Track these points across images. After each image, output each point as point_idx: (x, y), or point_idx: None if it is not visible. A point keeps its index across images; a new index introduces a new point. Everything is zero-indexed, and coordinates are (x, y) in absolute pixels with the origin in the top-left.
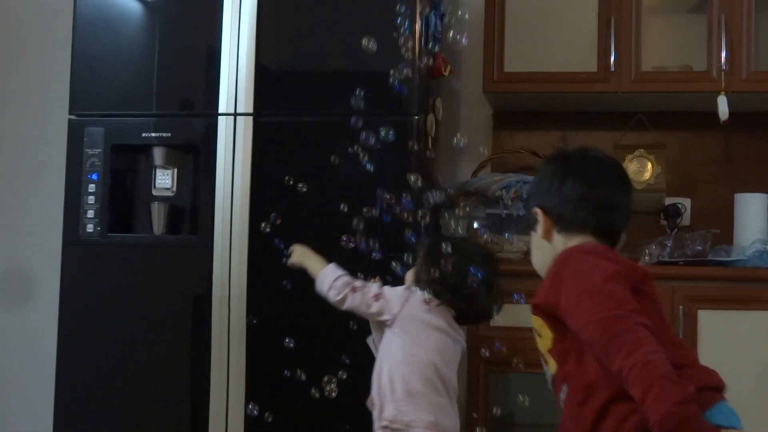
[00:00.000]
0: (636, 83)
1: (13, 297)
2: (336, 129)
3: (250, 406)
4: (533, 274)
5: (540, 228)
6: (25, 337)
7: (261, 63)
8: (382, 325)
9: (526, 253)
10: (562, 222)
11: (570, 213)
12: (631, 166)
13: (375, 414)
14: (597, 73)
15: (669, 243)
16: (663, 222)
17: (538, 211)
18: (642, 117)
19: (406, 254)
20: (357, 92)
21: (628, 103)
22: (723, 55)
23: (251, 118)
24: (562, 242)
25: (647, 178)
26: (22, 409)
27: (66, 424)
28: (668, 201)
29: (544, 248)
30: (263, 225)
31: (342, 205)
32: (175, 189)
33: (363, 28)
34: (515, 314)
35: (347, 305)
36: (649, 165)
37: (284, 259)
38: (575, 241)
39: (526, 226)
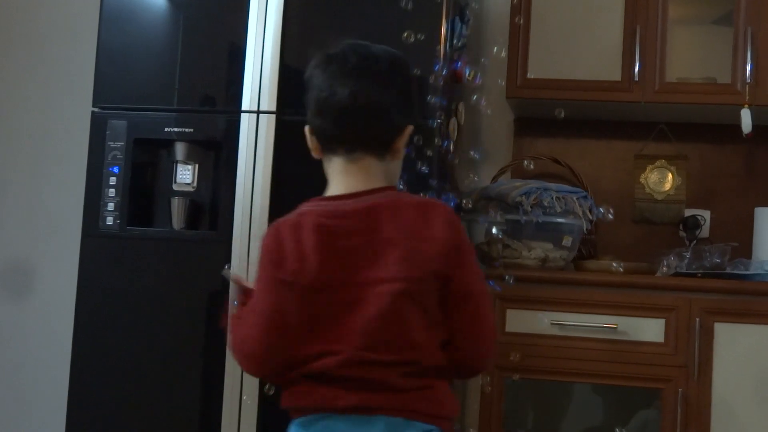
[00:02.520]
0: (660, 94)
1: (30, 289)
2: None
3: (266, 387)
4: (551, 281)
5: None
6: (41, 328)
7: (285, 62)
8: None
9: (544, 260)
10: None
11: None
12: (651, 177)
13: None
14: (621, 82)
15: (687, 254)
16: (682, 233)
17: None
18: (664, 127)
19: None
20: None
21: (650, 113)
22: (748, 67)
23: (274, 116)
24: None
25: (667, 189)
26: (34, 404)
27: (80, 417)
28: (688, 212)
29: None
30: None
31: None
32: (195, 184)
33: (388, 30)
34: (526, 320)
35: None
36: (670, 176)
37: None
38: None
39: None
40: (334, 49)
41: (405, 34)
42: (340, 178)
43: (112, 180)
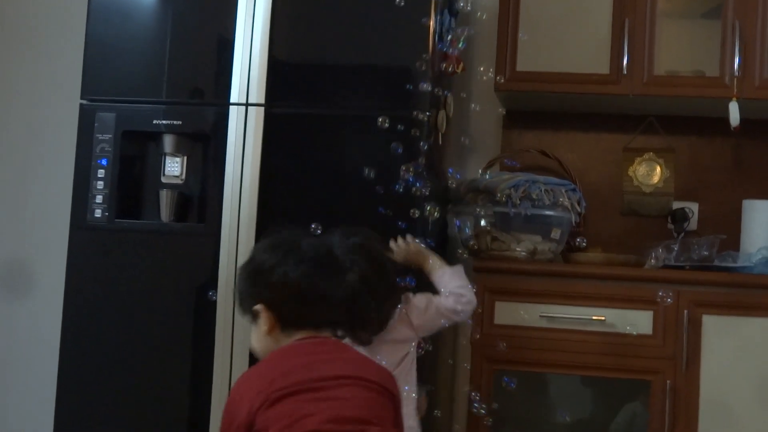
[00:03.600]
0: (648, 87)
1: (18, 283)
2: (347, 122)
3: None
4: (540, 274)
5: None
6: (29, 323)
7: (274, 54)
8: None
9: (533, 252)
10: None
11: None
12: (640, 169)
13: None
14: (609, 75)
15: (675, 247)
16: (670, 226)
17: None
18: (653, 120)
19: None
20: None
21: (639, 106)
22: (736, 61)
23: (263, 108)
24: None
25: (656, 181)
26: (23, 396)
27: (69, 409)
28: (676, 205)
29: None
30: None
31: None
32: (184, 177)
33: (377, 22)
34: (514, 313)
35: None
36: (658, 169)
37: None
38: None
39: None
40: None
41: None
42: None
43: (101, 172)
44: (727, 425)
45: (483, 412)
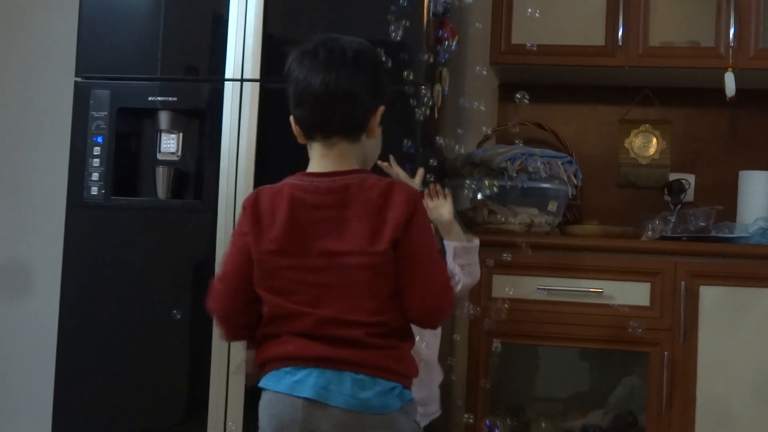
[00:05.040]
0: (643, 58)
1: (10, 259)
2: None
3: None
4: (537, 246)
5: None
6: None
7: (268, 29)
8: None
9: (530, 225)
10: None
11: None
12: (636, 141)
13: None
14: (604, 47)
15: (672, 218)
16: (667, 197)
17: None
18: (648, 92)
19: None
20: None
21: (634, 77)
22: (731, 31)
23: (258, 84)
24: None
25: (652, 153)
26: (20, 376)
27: (67, 388)
28: (672, 177)
29: None
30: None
31: None
32: (180, 153)
33: None
34: (516, 285)
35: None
36: (654, 140)
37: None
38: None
39: None
40: (306, 45)
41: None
42: (318, 160)
43: (96, 150)
44: (726, 396)
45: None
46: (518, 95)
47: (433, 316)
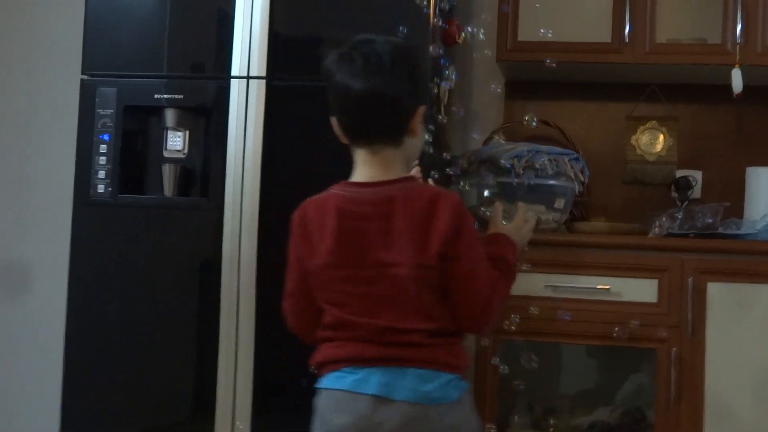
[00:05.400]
0: (650, 55)
1: (16, 258)
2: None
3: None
4: (544, 244)
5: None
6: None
7: (274, 26)
8: None
9: (537, 223)
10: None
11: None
12: (643, 138)
13: None
14: (611, 44)
15: (679, 215)
16: (674, 194)
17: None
18: (655, 89)
19: None
20: None
21: (641, 74)
22: (738, 27)
23: (264, 81)
24: None
25: (659, 150)
26: (29, 373)
27: (75, 386)
28: (679, 173)
29: None
30: None
31: None
32: (186, 151)
33: None
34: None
35: None
36: (661, 137)
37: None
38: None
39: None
40: (342, 48)
41: None
42: (363, 168)
43: (103, 148)
44: (734, 391)
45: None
46: (527, 118)
47: (481, 327)
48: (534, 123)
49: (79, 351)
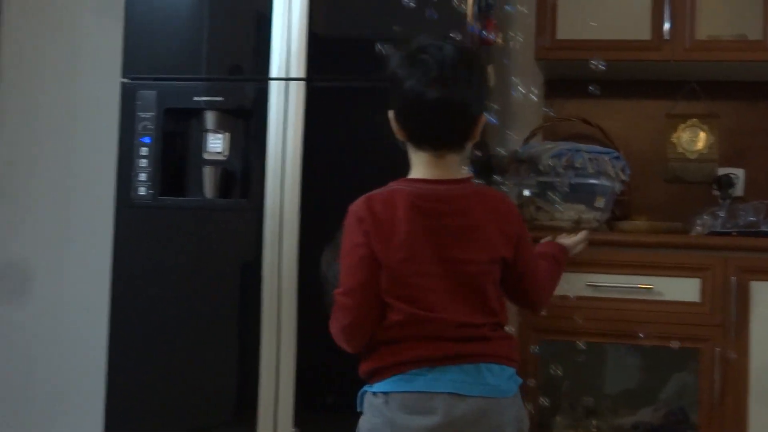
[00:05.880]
0: (690, 52)
1: (60, 259)
2: (389, 94)
3: None
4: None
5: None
6: (71, 300)
7: (313, 27)
8: None
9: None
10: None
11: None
12: (683, 136)
13: None
14: (651, 41)
15: (721, 213)
16: (715, 192)
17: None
18: (695, 86)
19: None
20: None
21: (681, 71)
22: None
23: (303, 83)
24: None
25: (700, 147)
26: (73, 372)
27: (118, 386)
28: (721, 171)
29: None
30: None
31: None
32: (226, 153)
33: None
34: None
35: None
36: (702, 135)
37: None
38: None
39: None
40: (409, 49)
41: None
42: (426, 168)
43: (144, 150)
44: None
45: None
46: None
47: (539, 310)
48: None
49: (122, 353)
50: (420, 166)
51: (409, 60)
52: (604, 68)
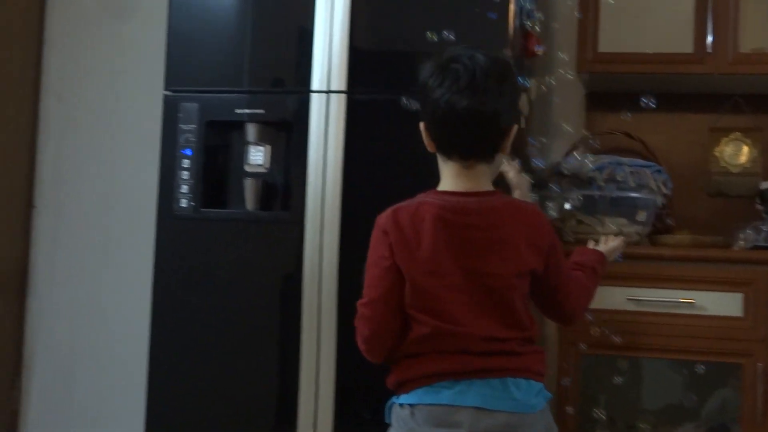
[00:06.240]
0: (733, 65)
1: (102, 271)
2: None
3: None
4: (626, 257)
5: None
6: (113, 313)
7: (354, 40)
8: None
9: (619, 236)
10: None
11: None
12: (726, 150)
13: None
14: (693, 54)
15: (765, 228)
16: (759, 206)
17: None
18: (738, 99)
19: None
20: None
21: (724, 85)
22: None
23: (345, 95)
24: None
25: (743, 161)
26: (115, 383)
27: (159, 397)
28: (765, 185)
29: None
30: None
31: None
32: (268, 165)
33: (457, 6)
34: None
35: None
36: (745, 148)
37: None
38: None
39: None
40: (441, 60)
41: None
42: (455, 179)
43: (186, 163)
44: None
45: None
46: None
47: (572, 324)
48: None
49: (163, 362)
50: (449, 178)
51: (439, 70)
52: (654, 107)
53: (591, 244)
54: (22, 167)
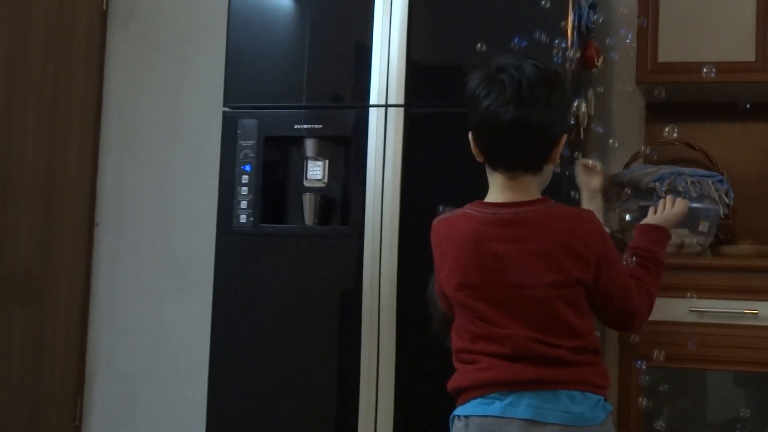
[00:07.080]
0: None
1: (161, 285)
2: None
3: None
4: (688, 268)
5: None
6: (181, 326)
7: (412, 55)
8: None
9: (680, 246)
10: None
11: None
12: None
13: None
14: (755, 62)
15: None
16: None
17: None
18: None
19: None
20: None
21: None
22: None
23: (402, 109)
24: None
25: None
26: (176, 396)
27: (219, 411)
28: None
29: None
30: None
31: None
32: (326, 180)
33: (514, 19)
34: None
35: None
36: None
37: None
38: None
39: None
40: (488, 70)
41: (529, 22)
42: (501, 191)
43: (245, 178)
44: None
45: None
46: (667, 129)
47: (632, 330)
48: (675, 134)
49: (224, 377)
50: (494, 189)
51: (486, 80)
52: (714, 75)
53: (651, 212)
54: (84, 184)
